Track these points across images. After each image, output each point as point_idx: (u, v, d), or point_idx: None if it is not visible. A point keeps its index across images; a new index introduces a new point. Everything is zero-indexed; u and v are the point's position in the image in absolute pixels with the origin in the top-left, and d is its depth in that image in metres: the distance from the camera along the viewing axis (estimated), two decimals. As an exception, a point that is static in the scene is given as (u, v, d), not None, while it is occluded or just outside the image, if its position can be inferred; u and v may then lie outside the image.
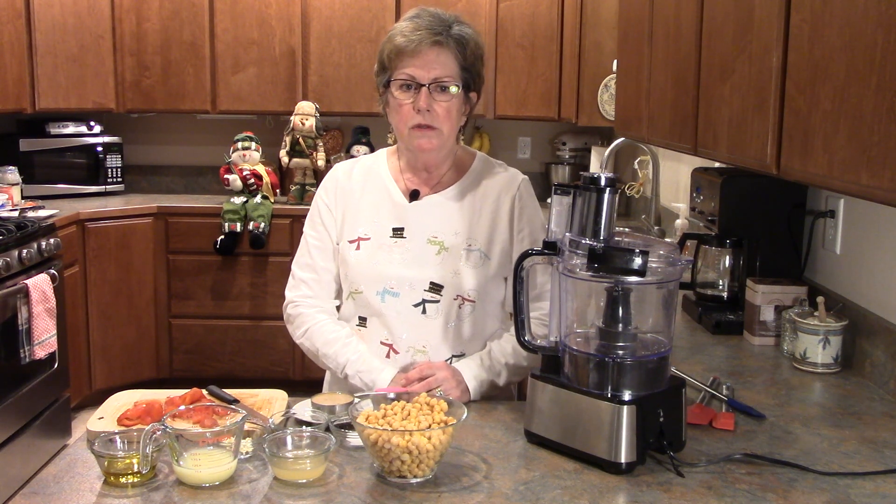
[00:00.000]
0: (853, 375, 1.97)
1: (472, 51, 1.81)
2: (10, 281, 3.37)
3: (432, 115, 1.78)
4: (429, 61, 1.77)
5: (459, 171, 1.92)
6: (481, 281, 1.86)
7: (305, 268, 1.93)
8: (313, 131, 4.62)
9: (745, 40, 1.78)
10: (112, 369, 4.46)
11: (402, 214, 1.88)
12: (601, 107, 4.26)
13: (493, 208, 1.89)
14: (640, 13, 2.72)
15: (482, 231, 1.88)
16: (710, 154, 2.04)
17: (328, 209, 1.93)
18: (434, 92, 1.78)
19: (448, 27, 1.79)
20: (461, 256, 1.85)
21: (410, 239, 1.86)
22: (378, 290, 1.85)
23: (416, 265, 1.84)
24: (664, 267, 1.47)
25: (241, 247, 4.53)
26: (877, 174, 1.25)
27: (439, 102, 1.78)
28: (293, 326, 1.93)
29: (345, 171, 1.96)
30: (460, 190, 1.90)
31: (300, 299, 1.92)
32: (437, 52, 1.77)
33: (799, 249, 2.32)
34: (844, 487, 1.39)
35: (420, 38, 1.76)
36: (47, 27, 4.45)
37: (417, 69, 1.77)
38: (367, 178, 1.94)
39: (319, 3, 4.74)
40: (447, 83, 1.78)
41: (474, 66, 1.83)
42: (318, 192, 1.97)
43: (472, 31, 1.84)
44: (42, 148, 4.68)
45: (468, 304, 1.85)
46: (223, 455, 1.38)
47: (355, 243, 1.88)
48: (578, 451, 1.46)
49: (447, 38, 1.78)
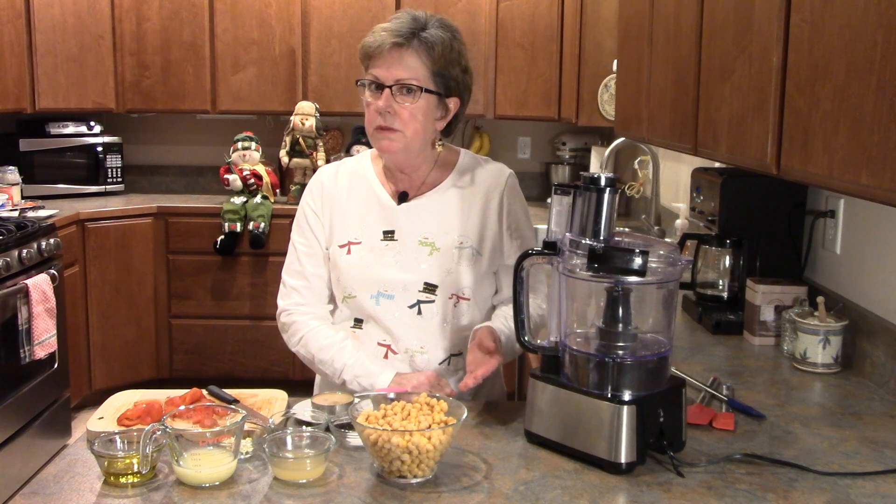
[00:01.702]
0: (853, 375, 1.97)
1: (442, 54, 1.76)
2: (10, 281, 3.38)
3: (392, 118, 1.76)
4: (392, 62, 1.74)
5: (445, 170, 1.91)
6: (475, 278, 1.86)
7: (296, 275, 1.91)
8: (313, 131, 4.62)
9: (745, 40, 1.78)
10: (112, 369, 4.46)
11: (391, 217, 1.87)
12: (601, 107, 4.26)
13: (481, 204, 1.89)
14: (640, 13, 2.72)
15: (473, 228, 1.87)
16: (710, 154, 2.04)
17: (315, 214, 1.91)
18: (398, 94, 1.75)
19: (420, 29, 1.75)
20: (454, 255, 1.85)
21: (402, 241, 1.85)
22: (372, 294, 1.84)
23: (409, 267, 1.84)
24: (664, 267, 1.47)
25: (241, 247, 4.54)
26: (877, 174, 1.25)
27: (402, 105, 1.75)
28: (288, 335, 1.92)
29: (329, 174, 1.94)
30: (447, 188, 1.89)
31: (293, 307, 1.91)
32: (400, 53, 1.74)
33: (799, 249, 2.32)
34: (844, 487, 1.39)
35: (381, 40, 1.74)
36: (47, 27, 4.45)
37: (381, 70, 1.75)
38: (352, 181, 1.92)
39: (319, 3, 4.74)
40: (411, 85, 1.75)
41: (447, 70, 1.78)
42: (304, 198, 1.94)
43: (449, 34, 1.78)
44: (42, 148, 4.68)
45: (463, 302, 1.85)
46: (223, 455, 1.38)
47: (346, 248, 1.87)
48: (578, 451, 1.46)
49: (411, 39, 1.74)
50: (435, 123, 1.83)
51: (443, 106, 1.82)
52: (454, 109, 1.85)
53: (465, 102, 1.86)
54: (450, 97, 1.82)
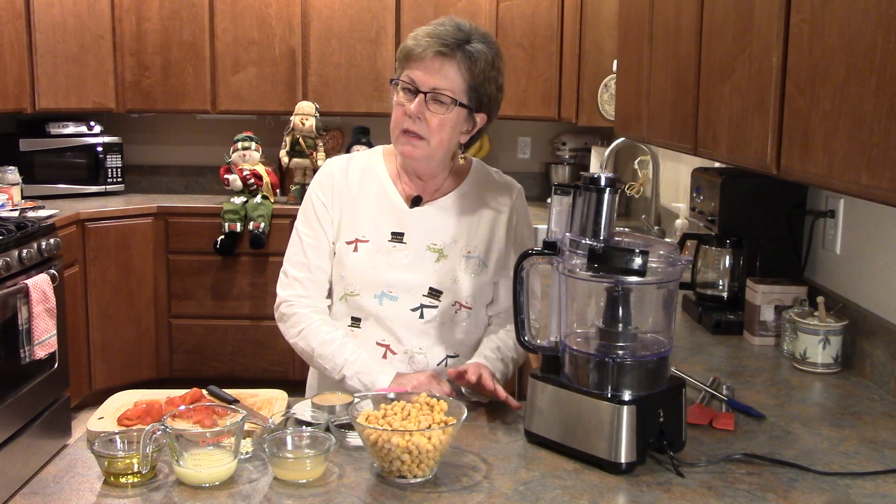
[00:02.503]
0: (853, 375, 1.97)
1: (482, 70, 1.75)
2: (10, 281, 3.37)
3: (421, 124, 1.75)
4: (432, 70, 1.73)
5: (458, 178, 1.91)
6: (478, 288, 1.86)
7: (299, 266, 1.89)
8: (313, 131, 4.62)
9: (745, 40, 1.78)
10: (112, 369, 4.46)
11: (401, 219, 1.86)
12: (601, 107, 4.26)
13: (491, 216, 1.89)
14: (640, 13, 2.72)
15: (481, 239, 1.87)
16: (710, 154, 2.04)
17: (324, 206, 1.88)
18: (430, 102, 1.74)
19: (464, 41, 1.74)
20: (460, 264, 1.85)
21: (410, 245, 1.85)
22: (376, 294, 1.84)
23: (415, 271, 1.83)
24: (664, 267, 1.47)
25: (241, 247, 4.54)
26: (877, 174, 1.25)
27: (433, 113, 1.74)
28: (286, 325, 1.89)
29: (340, 167, 1.91)
30: (458, 197, 1.89)
31: (294, 298, 1.88)
32: (442, 62, 1.73)
33: (799, 249, 2.32)
34: (844, 487, 1.39)
35: (427, 45, 1.73)
36: (47, 27, 4.45)
37: (420, 74, 1.74)
38: (363, 177, 1.90)
39: (319, 3, 4.74)
40: (445, 96, 1.74)
41: (483, 87, 1.77)
42: (313, 188, 1.91)
43: (493, 51, 1.78)
44: (42, 148, 4.68)
45: (464, 310, 1.85)
46: (223, 455, 1.38)
47: (353, 245, 1.86)
48: (578, 451, 1.46)
49: (456, 51, 1.73)
50: (460, 136, 1.83)
51: (471, 120, 1.81)
52: (480, 125, 1.84)
53: (491, 120, 1.86)
54: (479, 112, 1.81)
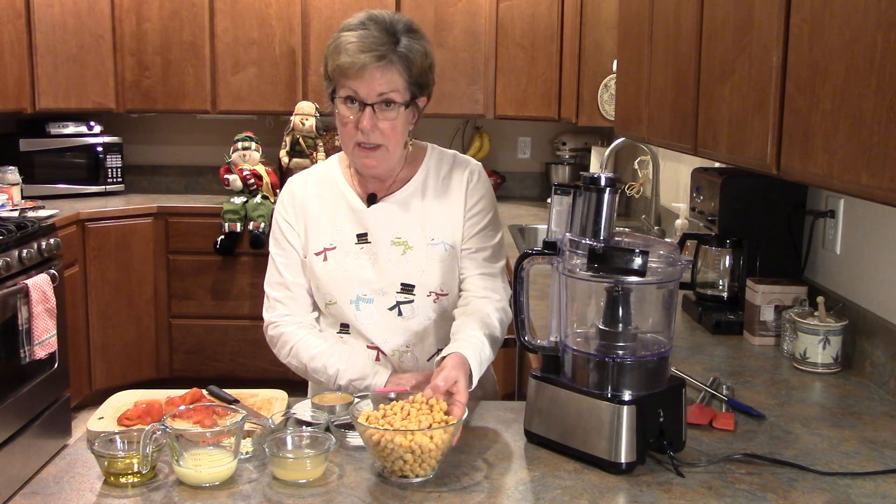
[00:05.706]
0: (853, 375, 1.97)
1: (419, 65, 1.75)
2: (10, 281, 3.38)
3: (375, 133, 1.74)
4: (373, 80, 1.71)
5: (412, 167, 1.89)
6: (448, 273, 1.85)
7: (277, 287, 1.90)
8: (313, 131, 4.62)
9: (745, 40, 1.78)
10: (112, 369, 4.46)
11: (362, 219, 1.86)
12: (601, 107, 4.26)
13: (448, 199, 1.88)
14: (640, 13, 2.71)
15: (441, 223, 1.86)
16: (710, 154, 2.04)
17: (288, 224, 1.89)
18: (379, 109, 1.73)
19: (395, 41, 1.72)
20: (426, 252, 1.84)
21: (375, 243, 1.84)
22: (352, 299, 1.84)
23: (384, 269, 1.83)
24: (664, 267, 1.47)
25: (241, 247, 4.54)
26: (877, 174, 1.25)
27: (384, 120, 1.74)
28: (277, 347, 1.91)
29: (299, 183, 1.93)
30: (416, 186, 1.88)
31: (278, 319, 1.90)
32: (382, 71, 1.71)
33: (799, 249, 2.32)
34: (844, 487, 1.39)
35: (363, 61, 1.69)
36: (47, 27, 4.45)
37: (362, 87, 1.72)
38: (321, 188, 1.90)
39: (319, 3, 4.74)
40: (392, 98, 1.73)
41: (422, 78, 1.78)
42: (277, 209, 1.93)
43: (420, 43, 1.77)
44: (42, 148, 4.68)
45: (443, 298, 1.85)
46: (223, 455, 1.38)
47: (322, 255, 1.86)
48: (578, 451, 1.46)
49: (391, 55, 1.71)
50: (410, 126, 1.83)
51: (416, 109, 1.82)
52: (423, 107, 1.85)
53: (430, 97, 1.86)
54: (421, 97, 1.82)
